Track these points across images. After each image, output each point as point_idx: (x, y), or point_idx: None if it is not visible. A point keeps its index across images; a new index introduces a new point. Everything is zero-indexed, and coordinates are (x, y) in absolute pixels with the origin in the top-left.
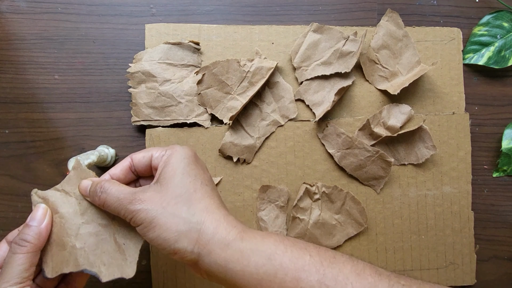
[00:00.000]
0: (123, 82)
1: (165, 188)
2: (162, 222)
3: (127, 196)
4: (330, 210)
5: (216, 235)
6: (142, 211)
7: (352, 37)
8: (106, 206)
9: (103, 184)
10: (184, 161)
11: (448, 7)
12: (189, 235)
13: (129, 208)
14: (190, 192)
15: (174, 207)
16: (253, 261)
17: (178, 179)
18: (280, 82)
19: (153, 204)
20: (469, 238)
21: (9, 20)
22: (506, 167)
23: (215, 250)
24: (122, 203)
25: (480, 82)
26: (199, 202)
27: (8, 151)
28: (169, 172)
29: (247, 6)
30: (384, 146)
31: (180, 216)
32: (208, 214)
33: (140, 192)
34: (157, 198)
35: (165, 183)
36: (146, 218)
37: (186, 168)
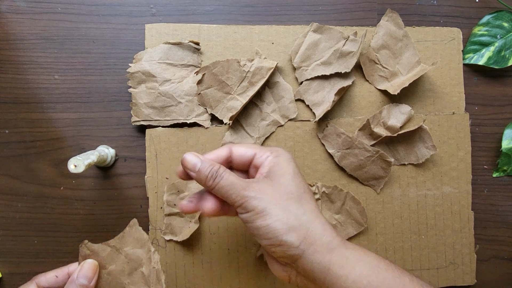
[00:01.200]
0: (123, 82)
1: (278, 184)
2: (274, 213)
3: (240, 182)
4: (330, 210)
5: (324, 236)
6: (255, 198)
7: (352, 37)
8: (218, 188)
9: (218, 168)
10: (292, 164)
11: (448, 7)
12: (298, 231)
13: (243, 194)
14: (300, 191)
15: (286, 202)
16: (358, 270)
17: (290, 178)
18: (280, 82)
19: (267, 195)
20: (469, 238)
21: (9, 20)
22: (506, 167)
23: (321, 250)
24: (235, 187)
25: (480, 82)
26: (308, 203)
27: (8, 151)
28: (279, 171)
29: (247, 6)
30: (384, 146)
31: (292, 212)
32: (316, 216)
33: (253, 182)
34: (270, 191)
35: (276, 179)
36: (258, 206)
37: (296, 170)
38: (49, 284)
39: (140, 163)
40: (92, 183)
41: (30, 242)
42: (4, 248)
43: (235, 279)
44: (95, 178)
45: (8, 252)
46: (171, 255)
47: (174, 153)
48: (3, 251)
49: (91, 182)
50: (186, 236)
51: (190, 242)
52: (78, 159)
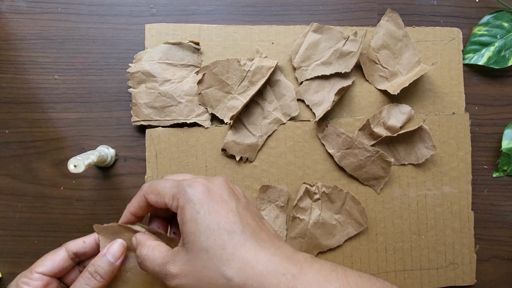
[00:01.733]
0: (123, 82)
1: (193, 256)
2: None
3: (159, 269)
4: (330, 210)
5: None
6: (178, 287)
7: (352, 37)
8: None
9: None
10: (199, 215)
11: (448, 7)
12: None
13: (167, 283)
14: (218, 253)
15: (208, 277)
16: None
17: (201, 241)
18: (281, 80)
19: (187, 278)
20: (469, 238)
21: (9, 20)
22: (506, 167)
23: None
24: (158, 276)
25: (480, 82)
26: (232, 260)
27: (8, 151)
28: (190, 235)
29: (247, 6)
30: (384, 146)
31: (218, 284)
32: (247, 271)
33: (171, 264)
34: (188, 270)
35: (190, 249)
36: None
37: (205, 222)
38: (77, 249)
39: (140, 163)
40: (92, 183)
41: (30, 242)
42: (4, 248)
43: None
44: (95, 178)
45: (8, 252)
46: None
47: (174, 153)
48: (3, 251)
49: (91, 182)
50: None
51: None
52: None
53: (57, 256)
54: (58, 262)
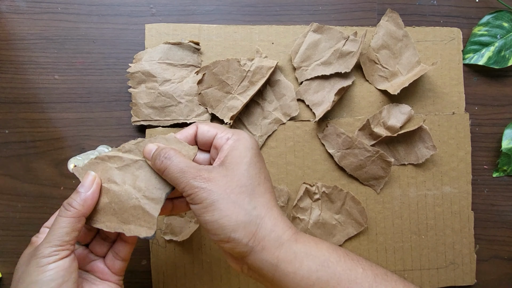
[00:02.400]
0: (123, 82)
1: (231, 174)
2: (224, 208)
3: (191, 170)
4: (330, 210)
5: (273, 232)
6: (205, 190)
7: (352, 37)
8: (167, 173)
9: (168, 150)
10: (251, 151)
11: (448, 7)
12: (248, 228)
13: (192, 183)
14: (254, 184)
15: (237, 196)
16: (306, 265)
17: (245, 168)
18: (281, 80)
19: (218, 187)
20: (469, 238)
21: (9, 20)
22: (506, 167)
23: (269, 247)
24: (185, 175)
25: (480, 82)
26: (261, 196)
27: (8, 151)
28: (236, 159)
29: (247, 6)
30: (384, 146)
31: (242, 207)
32: (268, 210)
33: (205, 170)
34: (223, 182)
35: (231, 168)
36: (207, 199)
37: (253, 159)
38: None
39: None
40: None
41: None
42: (4, 248)
43: (235, 279)
44: None
45: (8, 252)
46: (171, 255)
47: None
48: (3, 251)
49: None
50: (186, 236)
51: (190, 242)
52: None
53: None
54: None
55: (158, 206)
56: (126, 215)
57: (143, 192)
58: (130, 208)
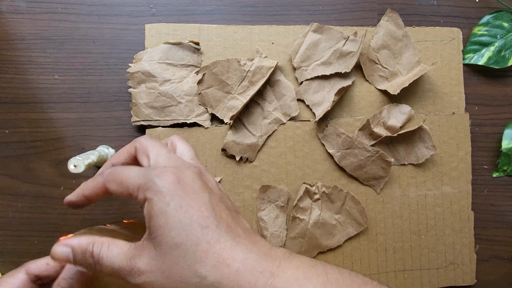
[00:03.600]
0: (123, 82)
1: (162, 252)
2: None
3: (123, 265)
4: (330, 210)
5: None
6: (146, 285)
7: (352, 37)
8: (104, 273)
9: (92, 249)
10: (170, 207)
11: (448, 7)
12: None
13: (131, 281)
14: (192, 249)
15: (179, 274)
16: None
17: (172, 237)
18: (281, 80)
19: (155, 275)
20: (469, 238)
21: (9, 20)
22: (506, 167)
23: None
24: (120, 275)
25: (480, 82)
26: (207, 257)
27: (8, 151)
28: (158, 229)
29: (247, 6)
30: (384, 146)
31: (190, 283)
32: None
33: (137, 259)
34: (157, 266)
35: (158, 244)
36: None
37: (176, 216)
38: (39, 272)
39: None
40: None
41: (30, 242)
42: (4, 248)
43: None
44: None
45: (8, 252)
46: None
47: None
48: (3, 251)
49: None
50: None
51: None
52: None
53: (16, 280)
54: (17, 286)
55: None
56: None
57: None
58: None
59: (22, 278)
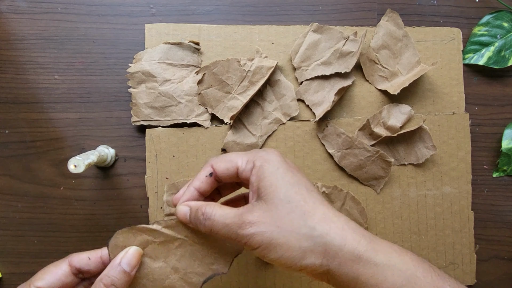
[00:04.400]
0: (123, 82)
1: (273, 206)
2: (283, 242)
3: (234, 220)
4: None
5: (345, 246)
6: (257, 235)
7: (352, 37)
8: (214, 232)
9: (205, 209)
10: (279, 171)
11: (448, 7)
12: (315, 250)
13: (241, 233)
14: (300, 204)
15: (290, 224)
16: (390, 279)
17: (283, 193)
18: (281, 80)
19: (266, 225)
20: (469, 238)
21: (9, 20)
22: (506, 167)
23: (346, 262)
24: (231, 228)
25: (480, 82)
26: (315, 213)
27: (8, 151)
28: (269, 187)
29: (247, 6)
30: (384, 146)
31: (300, 233)
32: (329, 224)
33: (247, 214)
34: (268, 218)
35: (270, 199)
36: (263, 241)
37: (286, 178)
38: (80, 265)
39: (140, 163)
40: (92, 183)
41: (30, 242)
42: (4, 248)
43: (235, 279)
44: (95, 178)
45: (8, 252)
46: None
47: (174, 153)
48: (3, 251)
49: (91, 182)
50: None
51: None
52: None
53: (59, 270)
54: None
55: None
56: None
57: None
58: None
59: (65, 269)
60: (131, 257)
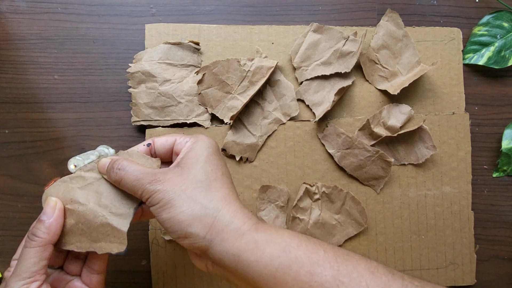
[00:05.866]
0: (123, 82)
1: (186, 172)
2: (178, 204)
3: (146, 176)
4: (330, 210)
5: (232, 224)
6: (160, 191)
7: (352, 37)
8: (123, 183)
9: (121, 161)
10: (208, 150)
11: (448, 7)
12: (204, 221)
13: (148, 188)
14: (210, 179)
15: (192, 192)
16: (267, 252)
17: (200, 166)
18: (281, 80)
19: (173, 186)
20: (469, 238)
21: (9, 20)
22: (506, 167)
23: (229, 238)
24: (141, 182)
25: (480, 82)
26: (218, 190)
27: (8, 151)
28: (192, 158)
29: (247, 6)
30: (384, 146)
31: (197, 201)
32: (226, 203)
33: (160, 173)
34: (177, 181)
35: (186, 167)
36: (163, 198)
37: (209, 157)
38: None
39: None
40: None
41: None
42: (4, 248)
43: None
44: None
45: (8, 252)
46: (171, 255)
47: None
48: (3, 251)
49: None
50: None
51: None
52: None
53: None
54: None
55: (126, 221)
56: (95, 234)
57: (109, 209)
58: (98, 226)
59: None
60: (47, 207)
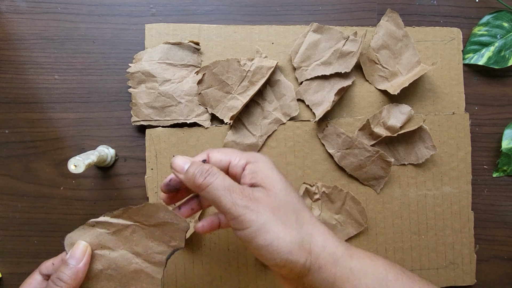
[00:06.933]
0: (123, 82)
1: (272, 194)
2: (275, 230)
3: (235, 188)
4: (330, 210)
5: (326, 249)
6: (253, 212)
7: (352, 37)
8: (209, 190)
9: (211, 167)
10: (274, 170)
11: (448, 7)
12: (302, 247)
13: (238, 203)
14: (294, 201)
15: (284, 216)
16: (364, 283)
17: (281, 186)
18: (281, 80)
19: (264, 207)
20: (469, 238)
21: (9, 20)
22: (506, 167)
23: (326, 265)
24: (231, 193)
25: (480, 82)
26: (304, 213)
27: (8, 151)
28: (266, 178)
29: (247, 6)
30: (384, 146)
31: (292, 226)
32: (314, 226)
33: (249, 189)
34: (267, 202)
35: (269, 187)
36: (256, 221)
37: (280, 175)
38: (48, 271)
39: (140, 163)
40: (92, 183)
41: (30, 242)
42: (4, 248)
43: (235, 279)
44: (95, 178)
45: (8, 252)
46: None
47: (174, 153)
48: (3, 251)
49: (91, 182)
50: (186, 236)
51: (190, 242)
52: (78, 159)
53: (33, 280)
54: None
55: (160, 269)
56: (125, 279)
57: (143, 257)
58: (131, 272)
59: (38, 278)
60: (76, 250)
